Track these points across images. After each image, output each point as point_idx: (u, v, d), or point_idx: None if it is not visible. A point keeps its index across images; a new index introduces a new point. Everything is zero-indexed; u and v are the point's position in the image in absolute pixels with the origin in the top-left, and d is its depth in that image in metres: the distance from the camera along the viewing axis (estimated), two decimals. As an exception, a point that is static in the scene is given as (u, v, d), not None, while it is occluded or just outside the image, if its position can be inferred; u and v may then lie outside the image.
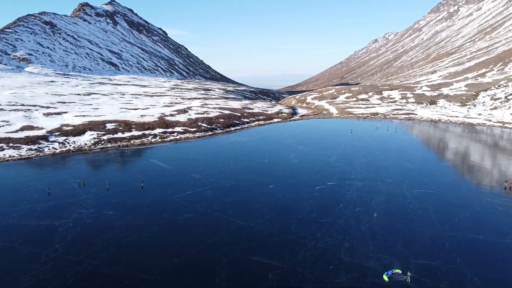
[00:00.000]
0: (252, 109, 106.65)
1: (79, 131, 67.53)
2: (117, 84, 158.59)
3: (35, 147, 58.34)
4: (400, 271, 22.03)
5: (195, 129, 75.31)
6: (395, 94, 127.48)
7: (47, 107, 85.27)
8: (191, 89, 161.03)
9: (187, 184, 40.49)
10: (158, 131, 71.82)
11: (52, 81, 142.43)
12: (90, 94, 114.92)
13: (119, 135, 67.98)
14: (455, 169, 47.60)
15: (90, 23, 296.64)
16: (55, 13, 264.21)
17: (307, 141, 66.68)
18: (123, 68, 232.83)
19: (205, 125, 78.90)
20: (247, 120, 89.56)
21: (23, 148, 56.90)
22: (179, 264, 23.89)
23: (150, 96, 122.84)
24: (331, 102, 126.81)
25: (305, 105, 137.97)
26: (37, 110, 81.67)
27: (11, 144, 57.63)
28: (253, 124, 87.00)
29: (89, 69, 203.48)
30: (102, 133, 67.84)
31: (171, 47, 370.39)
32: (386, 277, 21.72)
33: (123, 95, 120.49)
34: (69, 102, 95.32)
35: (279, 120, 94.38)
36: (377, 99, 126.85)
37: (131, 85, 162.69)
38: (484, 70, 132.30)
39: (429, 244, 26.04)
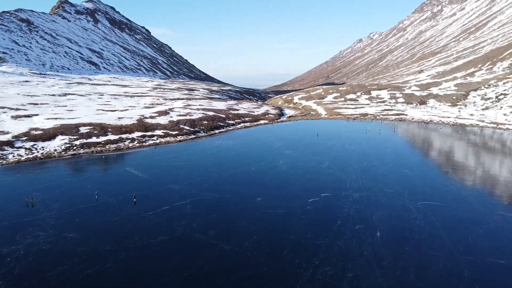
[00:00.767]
0: (237, 110, 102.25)
1: (49, 135, 61.97)
2: (97, 84, 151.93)
3: (-3, 154, 52.72)
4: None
5: (176, 132, 70.52)
6: (384, 94, 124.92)
7: (17, 109, 79.09)
8: (174, 89, 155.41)
9: (164, 198, 35.92)
10: (136, 134, 66.80)
11: (27, 81, 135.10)
12: (66, 94, 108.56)
13: (93, 139, 62.72)
14: (457, 176, 44.13)
15: (69, 21, 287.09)
16: (32, 11, 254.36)
17: (296, 144, 62.75)
18: (104, 67, 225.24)
19: (188, 127, 74.16)
20: (232, 122, 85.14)
21: (-18, 156, 51.24)
22: (148, 308, 19.49)
23: (131, 96, 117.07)
24: (319, 102, 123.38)
25: (292, 105, 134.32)
26: (5, 112, 75.48)
27: (-31, 152, 51.90)
28: (238, 126, 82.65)
29: (68, 69, 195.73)
30: (75, 137, 62.45)
31: (155, 46, 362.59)
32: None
33: (102, 95, 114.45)
34: (41, 104, 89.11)
35: (266, 121, 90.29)
36: (366, 99, 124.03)
37: (112, 85, 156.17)
38: (472, 70, 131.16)
39: (445, 273, 22.23)
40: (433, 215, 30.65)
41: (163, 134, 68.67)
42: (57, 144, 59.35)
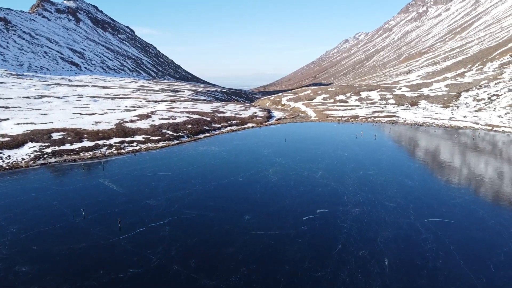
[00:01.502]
0: (224, 112, 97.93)
1: (17, 142, 56.68)
2: (77, 86, 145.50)
3: (-45, 165, 47.38)
4: None
5: (158, 137, 65.90)
6: (374, 95, 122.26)
7: (-15, 113, 73.28)
8: (158, 91, 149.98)
9: (139, 217, 31.53)
10: (114, 140, 61.96)
11: (1, 83, 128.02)
12: (41, 97, 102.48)
13: (66, 146, 57.67)
14: (462, 186, 40.71)
15: (50, 20, 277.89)
16: (10, 9, 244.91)
17: (286, 150, 58.85)
18: (85, 68, 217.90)
19: (171, 132, 69.57)
20: (218, 125, 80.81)
21: None
22: None
23: (111, 98, 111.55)
24: (308, 103, 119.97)
25: (280, 107, 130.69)
26: (-29, 117, 69.69)
27: None
28: (225, 130, 78.40)
29: (47, 69, 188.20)
30: (46, 144, 57.29)
31: (139, 46, 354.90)
32: None
33: (81, 97, 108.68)
34: (13, 107, 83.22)
35: (253, 124, 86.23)
36: (356, 100, 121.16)
37: (93, 86, 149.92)
38: (462, 70, 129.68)
39: (471, 315, 18.59)
40: (444, 236, 27.08)
41: (143, 139, 63.98)
42: (25, 152, 54.14)
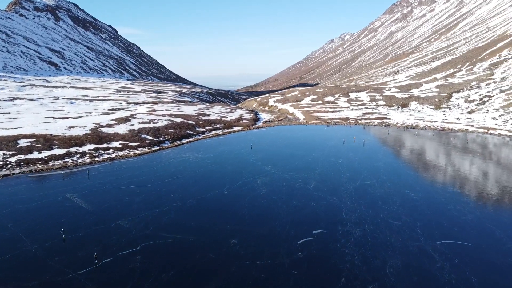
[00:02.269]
0: (208, 115, 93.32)
1: (-22, 151, 51.13)
2: (54, 87, 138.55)
3: None
4: None
5: (137, 143, 61.01)
6: (363, 96, 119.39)
7: None
8: (140, 92, 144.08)
9: (107, 243, 26.95)
10: (88, 147, 56.83)
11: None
12: (13, 99, 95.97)
13: (34, 155, 52.35)
14: (471, 199, 37.01)
15: (27, 18, 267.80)
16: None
17: (275, 157, 54.71)
18: (65, 68, 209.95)
19: (151, 137, 64.73)
20: (202, 129, 76.21)
21: None
22: None
23: (89, 100, 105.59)
24: (296, 105, 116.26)
25: (267, 108, 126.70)
26: None
27: None
28: (209, 134, 73.87)
29: (24, 69, 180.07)
30: (11, 153, 51.87)
31: (122, 45, 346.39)
32: None
33: (57, 99, 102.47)
34: (-20, 111, 77.02)
35: (240, 128, 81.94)
36: (345, 101, 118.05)
37: (71, 87, 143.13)
38: (452, 70, 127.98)
39: None
40: (462, 263, 23.37)
41: (121, 146, 59.01)
42: (-14, 162, 48.65)
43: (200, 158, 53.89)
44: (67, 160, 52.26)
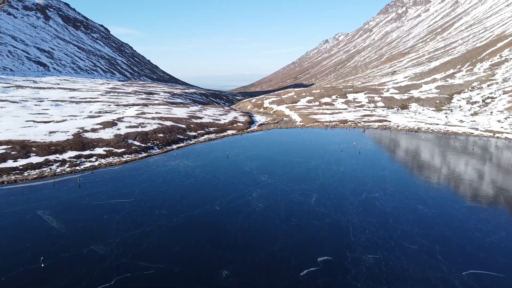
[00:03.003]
0: (201, 118, 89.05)
1: None
2: (41, 88, 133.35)
3: None
4: None
5: (123, 149, 56.68)
6: (361, 97, 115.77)
7: None
8: (130, 93, 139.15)
9: (76, 276, 22.79)
10: (69, 155, 52.41)
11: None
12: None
13: (8, 164, 47.83)
14: (492, 215, 32.79)
15: (16, 17, 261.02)
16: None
17: (272, 166, 50.61)
18: (54, 68, 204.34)
19: (138, 143, 60.42)
20: (194, 133, 71.98)
21: None
22: None
23: (76, 102, 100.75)
24: (292, 107, 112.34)
25: (262, 110, 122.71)
26: None
27: None
28: (201, 138, 69.66)
29: (11, 70, 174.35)
30: (-18, 162, 47.30)
31: (114, 45, 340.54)
32: None
33: (41, 101, 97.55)
34: (-44, 114, 72.05)
35: (234, 132, 77.81)
36: (342, 103, 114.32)
37: (58, 88, 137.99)
38: (452, 71, 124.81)
39: None
40: (498, 303, 19.51)
41: (105, 153, 54.65)
42: (-47, 172, 44.08)
43: (190, 167, 49.69)
44: (44, 169, 47.84)
